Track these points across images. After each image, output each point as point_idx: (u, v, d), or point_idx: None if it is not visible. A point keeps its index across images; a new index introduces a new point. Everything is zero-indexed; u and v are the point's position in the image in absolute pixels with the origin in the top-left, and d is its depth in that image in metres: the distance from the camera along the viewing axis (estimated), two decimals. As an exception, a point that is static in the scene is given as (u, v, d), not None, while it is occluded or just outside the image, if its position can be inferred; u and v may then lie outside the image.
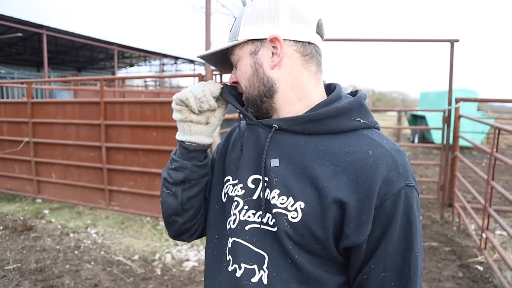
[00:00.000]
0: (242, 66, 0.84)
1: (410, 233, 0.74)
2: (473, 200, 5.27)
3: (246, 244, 0.81)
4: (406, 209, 0.73)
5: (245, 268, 0.80)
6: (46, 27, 13.59)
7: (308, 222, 0.74)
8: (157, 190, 4.32)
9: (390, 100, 37.30)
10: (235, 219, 0.84)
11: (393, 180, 0.72)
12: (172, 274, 3.37)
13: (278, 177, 0.78)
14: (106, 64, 26.47)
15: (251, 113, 0.86)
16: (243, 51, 0.84)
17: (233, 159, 0.92)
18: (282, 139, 0.81)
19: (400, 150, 0.77)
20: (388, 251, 0.73)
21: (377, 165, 0.72)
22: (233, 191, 0.87)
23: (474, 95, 10.92)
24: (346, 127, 0.78)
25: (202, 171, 0.92)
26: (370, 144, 0.75)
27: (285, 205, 0.76)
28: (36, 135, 5.07)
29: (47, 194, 5.20)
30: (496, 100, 5.66)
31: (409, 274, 0.74)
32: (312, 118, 0.78)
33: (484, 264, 3.57)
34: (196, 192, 0.93)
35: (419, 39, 5.36)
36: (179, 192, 0.91)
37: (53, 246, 3.89)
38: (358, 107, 0.80)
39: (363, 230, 0.72)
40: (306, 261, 0.77)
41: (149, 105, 4.27)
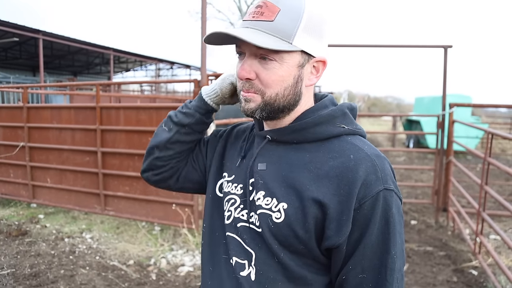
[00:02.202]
0: (282, 72, 0.78)
1: (388, 236, 0.75)
2: (468, 205, 5.30)
3: (238, 240, 0.86)
4: (384, 212, 0.75)
5: (236, 261, 0.85)
6: (42, 32, 13.57)
7: (291, 222, 0.77)
8: (152, 195, 4.31)
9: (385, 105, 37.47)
10: (230, 215, 0.89)
11: (372, 183, 0.75)
12: (167, 279, 3.37)
13: (264, 179, 0.83)
14: (102, 69, 26.44)
15: (259, 114, 0.82)
16: (291, 58, 0.78)
17: (231, 156, 0.97)
18: (273, 148, 0.85)
19: (381, 156, 0.79)
20: (366, 252, 0.76)
21: (357, 168, 0.75)
22: (228, 187, 0.92)
23: (468, 100, 11.02)
24: (332, 134, 0.81)
25: (201, 128, 1.02)
26: (352, 149, 0.79)
27: (270, 206, 0.80)
28: (32, 140, 5.05)
29: (42, 198, 5.17)
30: (489, 105, 5.73)
31: (385, 276, 0.75)
32: (298, 127, 0.82)
33: (479, 269, 3.59)
34: (185, 140, 1.00)
35: (413, 45, 5.42)
36: (174, 131, 0.99)
37: (48, 251, 3.87)
38: (341, 114, 0.84)
39: (343, 231, 0.75)
40: (291, 261, 0.79)
41: (145, 110, 4.28)
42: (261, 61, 0.78)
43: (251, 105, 0.81)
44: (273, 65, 0.77)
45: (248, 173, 0.86)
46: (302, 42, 0.76)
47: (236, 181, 0.91)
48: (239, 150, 0.96)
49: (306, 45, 0.77)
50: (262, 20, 0.76)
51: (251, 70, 0.78)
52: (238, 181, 0.90)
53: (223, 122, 4.15)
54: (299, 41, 0.76)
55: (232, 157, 0.96)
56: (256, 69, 0.78)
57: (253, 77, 0.79)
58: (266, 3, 0.76)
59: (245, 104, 0.82)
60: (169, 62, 22.78)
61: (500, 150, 12.28)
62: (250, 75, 0.78)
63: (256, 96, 0.80)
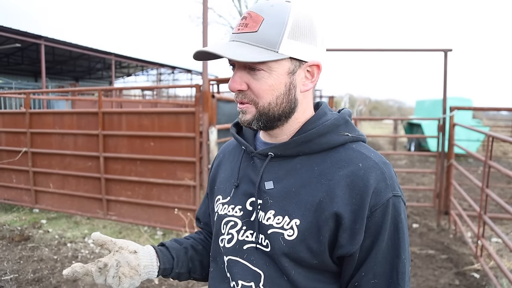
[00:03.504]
0: (272, 81, 0.78)
1: (398, 241, 0.77)
2: (469, 208, 5.30)
3: (243, 262, 0.84)
4: (394, 218, 0.77)
5: (242, 285, 0.84)
6: (44, 38, 13.66)
7: (305, 237, 0.78)
8: (154, 199, 4.33)
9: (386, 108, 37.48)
10: (232, 238, 0.87)
11: (382, 191, 0.76)
12: (170, 283, 3.37)
13: (273, 198, 0.81)
14: (103, 74, 26.55)
15: (256, 125, 0.82)
16: (279, 66, 0.77)
17: (223, 179, 0.95)
18: (277, 164, 0.84)
19: (387, 162, 0.81)
20: (377, 258, 0.77)
21: (368, 177, 0.76)
22: (223, 210, 0.90)
23: (469, 103, 11.03)
24: (336, 142, 0.82)
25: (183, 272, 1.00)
26: (359, 157, 0.80)
27: (281, 224, 0.79)
28: (34, 145, 5.09)
29: (45, 204, 5.19)
30: (490, 108, 5.74)
31: (397, 280, 0.77)
32: (304, 140, 0.82)
33: (481, 272, 3.59)
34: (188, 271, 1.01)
35: (414, 49, 5.44)
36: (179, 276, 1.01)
37: (50, 256, 3.88)
38: (344, 122, 0.84)
39: (357, 239, 0.76)
40: (301, 276, 0.80)
41: (147, 115, 4.30)
42: (250, 71, 0.78)
43: (247, 117, 0.81)
44: (261, 75, 0.77)
45: (256, 194, 0.83)
46: (289, 48, 0.75)
47: (233, 202, 0.89)
48: (230, 171, 0.94)
49: (295, 51, 0.76)
50: (246, 32, 0.76)
51: (241, 82, 0.79)
52: (236, 203, 0.88)
53: (225, 127, 4.17)
54: (285, 48, 0.75)
55: (225, 180, 0.95)
56: (247, 80, 0.79)
57: (245, 88, 0.79)
58: (251, 14, 0.76)
59: (242, 116, 0.82)
60: (170, 67, 22.87)
61: (502, 153, 12.26)
62: (241, 86, 0.79)
63: (250, 107, 0.80)
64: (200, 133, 4.02)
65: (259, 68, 0.77)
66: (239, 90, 0.80)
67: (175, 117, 4.11)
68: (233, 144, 1.03)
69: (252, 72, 0.78)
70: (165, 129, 4.16)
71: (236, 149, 0.98)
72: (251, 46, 0.75)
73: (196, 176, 4.04)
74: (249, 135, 0.94)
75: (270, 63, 0.76)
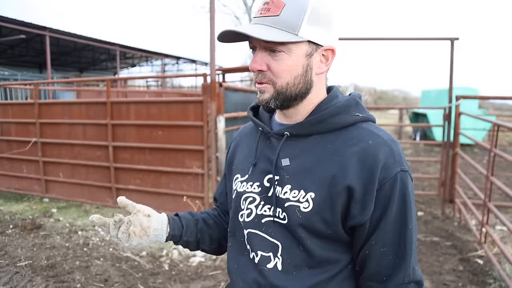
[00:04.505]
0: (291, 62, 0.83)
1: (405, 212, 0.84)
2: (474, 196, 5.34)
3: (262, 235, 0.91)
4: (401, 191, 0.83)
5: (261, 255, 0.91)
6: (49, 29, 13.68)
7: (319, 209, 0.84)
8: (163, 187, 4.40)
9: (391, 98, 37.26)
10: (251, 213, 0.94)
11: (390, 166, 0.82)
12: (180, 269, 3.46)
13: (289, 174, 0.88)
14: (108, 65, 26.57)
15: (273, 103, 0.87)
16: (298, 48, 0.83)
17: (241, 159, 1.02)
18: (293, 143, 0.90)
19: (395, 140, 0.87)
20: (386, 228, 0.83)
21: (377, 153, 0.82)
22: (242, 187, 0.97)
23: (475, 92, 10.96)
24: (348, 122, 0.88)
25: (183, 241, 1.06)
26: (369, 135, 0.86)
27: (297, 197, 0.86)
28: (44, 135, 5.16)
29: (55, 193, 5.29)
30: (496, 97, 5.73)
31: (404, 248, 0.84)
32: (318, 119, 0.88)
33: (484, 258, 3.64)
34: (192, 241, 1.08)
35: (420, 38, 5.42)
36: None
37: (62, 244, 3.98)
38: (355, 104, 0.90)
39: (367, 210, 0.82)
40: (316, 246, 0.86)
41: (155, 105, 4.35)
42: (271, 53, 0.83)
43: (265, 96, 0.87)
44: (281, 56, 0.82)
45: (273, 170, 0.89)
46: (308, 32, 0.81)
47: (251, 179, 0.95)
48: (248, 152, 1.00)
49: (312, 35, 0.82)
50: (269, 16, 0.81)
51: (262, 62, 0.84)
52: (254, 180, 0.94)
53: (232, 116, 4.22)
54: (304, 32, 0.81)
55: (243, 160, 1.01)
56: (267, 61, 0.84)
57: (265, 69, 0.84)
58: (273, 0, 0.82)
59: (260, 96, 0.88)
60: (174, 57, 22.83)
61: (508, 143, 12.22)
62: (261, 67, 0.84)
63: (268, 87, 0.86)
64: (207, 122, 4.07)
65: (279, 50, 0.82)
66: (259, 70, 0.85)
67: (183, 106, 4.16)
68: (249, 127, 1.08)
69: (273, 54, 0.83)
70: (173, 118, 4.21)
71: (253, 131, 1.04)
72: (273, 29, 0.81)
73: (204, 164, 4.10)
74: (265, 117, 0.99)
75: (289, 45, 0.82)
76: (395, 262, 0.84)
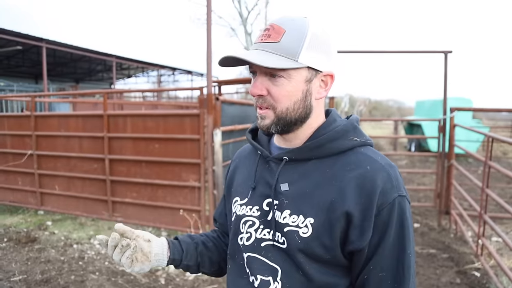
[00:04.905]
0: (290, 88, 0.85)
1: (403, 237, 0.85)
2: (470, 208, 5.36)
3: (261, 259, 0.92)
4: (399, 216, 0.84)
5: (261, 279, 0.91)
6: (46, 40, 13.72)
7: (319, 235, 0.85)
8: (159, 201, 4.39)
9: (386, 109, 37.51)
10: (250, 237, 0.94)
11: (388, 191, 0.83)
12: (176, 283, 3.43)
13: (288, 199, 0.89)
14: (104, 76, 26.62)
15: (274, 129, 0.89)
16: (298, 74, 0.84)
17: (240, 182, 1.03)
18: (292, 167, 0.91)
19: (392, 165, 0.88)
20: (385, 253, 0.84)
21: (375, 178, 0.84)
22: (241, 211, 0.97)
23: (469, 103, 11.09)
24: (346, 147, 0.89)
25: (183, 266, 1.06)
26: (367, 160, 0.87)
27: (296, 222, 0.87)
28: (40, 148, 5.15)
29: (50, 206, 5.25)
30: (490, 109, 5.80)
31: (403, 273, 0.85)
32: (316, 145, 0.89)
33: (481, 270, 3.64)
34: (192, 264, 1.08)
35: (414, 51, 5.50)
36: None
37: (57, 257, 3.93)
38: (352, 128, 0.92)
39: (365, 236, 0.83)
40: (316, 271, 0.87)
41: (152, 118, 4.37)
42: (271, 78, 0.84)
43: (266, 122, 0.88)
44: (281, 81, 0.84)
45: (272, 195, 0.90)
46: (308, 59, 0.83)
47: (250, 203, 0.95)
48: (247, 174, 1.00)
49: (312, 61, 0.84)
50: (269, 42, 0.83)
51: (262, 87, 0.85)
52: (253, 204, 0.95)
53: (229, 129, 4.24)
54: (304, 58, 0.82)
55: (242, 182, 1.01)
56: (267, 86, 0.85)
57: (265, 93, 0.85)
58: (273, 26, 0.84)
59: (261, 121, 0.89)
60: (170, 68, 22.94)
61: (502, 153, 12.33)
62: (261, 91, 0.85)
63: (269, 112, 0.87)
64: (204, 135, 4.08)
65: (279, 75, 0.84)
66: (259, 95, 0.86)
67: (180, 119, 4.17)
68: (248, 149, 1.09)
69: (273, 79, 0.85)
70: (169, 131, 4.22)
71: (251, 154, 1.05)
72: (273, 55, 0.82)
73: (201, 177, 4.10)
74: (264, 140, 1.00)
75: (289, 71, 0.83)
76: (394, 287, 0.85)
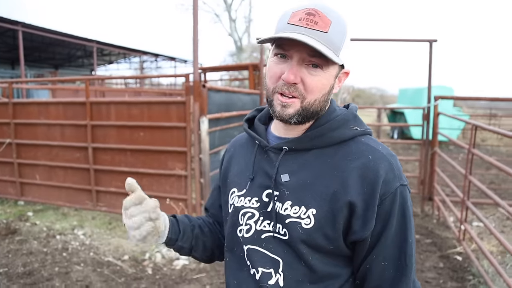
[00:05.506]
0: (325, 81, 0.83)
1: (405, 226, 0.85)
2: (451, 194, 5.49)
3: (262, 251, 0.90)
4: (401, 206, 0.84)
5: (262, 271, 0.89)
6: (22, 23, 13.18)
7: (321, 225, 0.83)
8: (145, 190, 4.28)
9: (369, 96, 37.82)
10: (250, 229, 0.92)
11: (390, 181, 0.83)
12: (164, 273, 3.41)
13: (289, 190, 0.86)
14: (84, 62, 25.91)
15: (294, 119, 0.85)
16: (333, 69, 0.83)
17: (237, 172, 0.99)
18: (292, 157, 0.89)
19: (393, 154, 0.88)
20: (387, 242, 0.84)
21: (377, 168, 0.82)
22: (240, 202, 0.94)
23: (450, 91, 11.29)
24: (347, 136, 0.88)
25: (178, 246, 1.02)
26: (368, 150, 0.86)
27: (298, 213, 0.85)
28: (19, 136, 4.97)
29: (31, 196, 5.11)
30: (472, 98, 5.90)
31: (405, 261, 0.85)
32: (317, 134, 0.87)
33: (463, 255, 3.75)
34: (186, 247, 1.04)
35: (399, 39, 5.52)
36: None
37: (40, 249, 3.85)
38: (353, 117, 0.91)
39: (368, 226, 0.82)
40: (318, 262, 0.86)
41: (136, 105, 4.26)
42: (308, 67, 0.80)
43: (290, 111, 0.83)
44: (319, 73, 0.81)
45: (272, 186, 0.88)
46: (344, 55, 0.82)
47: (249, 194, 0.93)
48: (244, 165, 0.97)
49: (346, 58, 0.83)
50: (317, 30, 0.77)
51: (298, 76, 0.80)
52: (252, 195, 0.92)
53: (215, 117, 4.18)
54: (343, 54, 0.81)
55: (238, 173, 0.98)
56: (302, 75, 0.81)
57: (298, 82, 0.81)
58: (318, 13, 0.78)
59: (282, 110, 0.83)
60: (153, 55, 22.48)
61: (481, 140, 12.66)
62: (297, 79, 0.80)
63: (296, 102, 0.82)
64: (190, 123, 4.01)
65: (320, 67, 0.80)
66: (293, 82, 0.81)
67: (166, 106, 4.08)
68: (243, 138, 1.06)
69: (310, 68, 0.81)
70: (155, 119, 4.13)
71: (247, 143, 1.01)
72: (322, 45, 0.77)
73: (187, 166, 4.05)
74: (261, 130, 0.97)
75: (329, 65, 0.81)
76: (396, 276, 0.85)
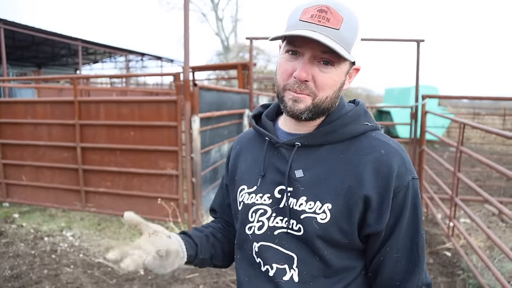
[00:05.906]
0: (336, 78, 0.83)
1: (417, 218, 0.87)
2: (439, 191, 5.59)
3: (275, 247, 0.89)
4: (413, 198, 0.86)
5: (277, 268, 0.89)
6: (3, 21, 12.84)
7: (337, 220, 0.84)
8: (135, 190, 4.27)
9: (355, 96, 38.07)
10: (262, 226, 0.91)
11: (403, 175, 0.84)
12: (156, 273, 3.37)
13: (304, 185, 0.87)
14: (68, 60, 25.40)
15: (305, 115, 0.85)
16: (345, 66, 0.83)
17: (246, 169, 0.98)
18: (304, 153, 0.89)
19: (403, 149, 0.89)
20: (400, 235, 0.86)
21: (391, 162, 0.84)
22: (250, 199, 0.93)
23: (436, 90, 11.50)
24: (358, 131, 0.89)
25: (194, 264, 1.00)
26: (380, 145, 0.87)
27: (313, 209, 0.85)
28: (4, 136, 4.85)
29: (17, 197, 5.00)
30: (458, 97, 6.03)
31: (417, 253, 0.87)
32: (329, 130, 0.88)
33: (452, 250, 3.82)
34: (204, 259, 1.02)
35: (388, 39, 5.58)
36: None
37: (27, 251, 3.76)
38: (364, 113, 0.92)
39: (383, 219, 0.84)
40: (333, 256, 0.87)
41: (126, 104, 4.21)
42: (319, 64, 0.80)
43: (301, 106, 0.83)
44: (330, 70, 0.81)
45: (286, 182, 0.88)
46: (356, 52, 0.82)
47: (260, 191, 0.92)
48: (253, 162, 0.96)
49: (357, 55, 0.83)
50: (329, 27, 0.77)
51: (309, 73, 0.80)
52: (264, 191, 0.91)
53: (206, 116, 4.16)
54: (354, 51, 0.81)
55: (247, 170, 0.97)
56: (313, 72, 0.81)
57: (310, 79, 0.81)
58: (330, 10, 0.78)
59: (294, 105, 0.83)
60: (139, 54, 22.20)
61: (466, 139, 12.94)
62: (308, 77, 0.80)
63: (307, 98, 0.82)
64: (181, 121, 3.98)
65: (332, 64, 0.80)
66: (305, 80, 0.81)
67: (156, 105, 4.04)
68: (249, 135, 1.05)
69: (322, 66, 0.81)
70: (145, 118, 4.08)
71: (256, 140, 1.00)
72: (334, 42, 0.77)
73: (178, 165, 4.02)
74: (269, 126, 0.96)
75: (341, 61, 0.81)
76: (409, 267, 0.87)
